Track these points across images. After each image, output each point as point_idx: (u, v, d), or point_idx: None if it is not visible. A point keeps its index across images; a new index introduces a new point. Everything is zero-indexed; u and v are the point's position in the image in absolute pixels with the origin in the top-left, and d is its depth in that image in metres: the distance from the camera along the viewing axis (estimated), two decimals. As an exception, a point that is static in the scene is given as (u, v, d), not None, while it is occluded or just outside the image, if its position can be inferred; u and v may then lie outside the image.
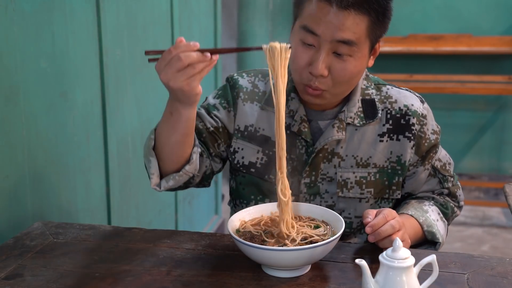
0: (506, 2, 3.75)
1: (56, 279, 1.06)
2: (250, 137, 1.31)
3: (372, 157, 1.28)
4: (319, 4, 1.14)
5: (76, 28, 1.62)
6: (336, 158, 1.28)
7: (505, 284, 1.03)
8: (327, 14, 1.13)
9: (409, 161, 1.29)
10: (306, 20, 1.16)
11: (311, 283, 1.03)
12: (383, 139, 1.28)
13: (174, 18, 2.38)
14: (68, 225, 1.32)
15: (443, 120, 3.98)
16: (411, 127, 1.28)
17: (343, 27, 1.13)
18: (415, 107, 1.29)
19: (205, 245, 1.21)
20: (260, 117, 1.31)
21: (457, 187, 1.38)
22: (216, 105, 1.34)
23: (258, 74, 1.36)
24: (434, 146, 1.31)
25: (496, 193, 3.99)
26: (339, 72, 1.18)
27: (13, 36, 1.35)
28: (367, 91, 1.30)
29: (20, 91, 1.39)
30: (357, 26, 1.14)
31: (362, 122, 1.27)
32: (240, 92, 1.32)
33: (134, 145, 2.06)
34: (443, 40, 3.80)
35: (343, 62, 1.17)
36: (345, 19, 1.13)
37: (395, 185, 1.30)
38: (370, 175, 1.29)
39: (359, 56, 1.18)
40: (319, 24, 1.14)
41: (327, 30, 1.14)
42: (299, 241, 1.05)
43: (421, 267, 0.92)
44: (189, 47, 1.03)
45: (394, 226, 1.10)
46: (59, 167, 1.58)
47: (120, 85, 1.91)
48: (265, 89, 1.33)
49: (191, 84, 1.06)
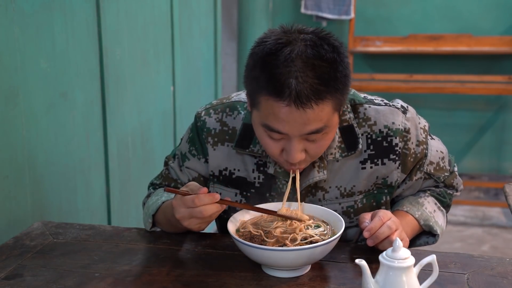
0: (506, 2, 3.75)
1: (56, 279, 1.06)
2: (226, 181, 1.28)
3: (356, 186, 1.23)
4: (277, 105, 1.03)
5: (76, 28, 1.62)
6: (320, 192, 1.23)
7: (505, 284, 1.03)
8: (288, 114, 1.02)
9: (396, 181, 1.24)
10: (267, 120, 1.06)
11: (311, 283, 1.03)
12: (366, 166, 1.22)
13: (174, 18, 2.38)
14: (68, 225, 1.32)
15: (443, 120, 3.99)
16: (395, 148, 1.21)
17: (308, 121, 1.04)
18: (396, 124, 1.21)
19: (205, 245, 1.20)
20: (233, 158, 1.26)
21: (453, 176, 1.34)
22: (186, 154, 1.31)
23: (225, 109, 1.27)
24: (421, 158, 1.25)
25: (496, 193, 3.99)
26: (316, 150, 1.11)
27: (13, 36, 1.35)
28: (344, 117, 1.21)
29: (20, 91, 1.39)
30: (322, 113, 1.04)
31: (344, 154, 1.21)
32: (208, 136, 1.27)
33: (134, 145, 2.06)
34: (443, 40, 3.80)
35: (317, 142, 1.10)
36: (308, 114, 1.02)
37: (384, 205, 1.26)
38: (356, 203, 1.24)
39: (331, 129, 1.10)
40: (282, 124, 1.04)
41: (293, 128, 1.05)
42: (299, 241, 1.05)
43: (421, 267, 0.92)
44: (211, 200, 1.07)
45: (391, 227, 1.09)
46: (59, 167, 1.58)
47: (120, 85, 1.91)
48: (234, 125, 1.25)
49: (201, 228, 1.13)
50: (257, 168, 1.24)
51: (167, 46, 2.35)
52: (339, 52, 1.05)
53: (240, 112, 1.26)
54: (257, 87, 1.06)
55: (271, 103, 1.04)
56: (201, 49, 2.86)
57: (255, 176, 1.25)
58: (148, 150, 2.20)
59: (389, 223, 1.10)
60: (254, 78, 1.07)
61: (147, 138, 2.19)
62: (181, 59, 2.50)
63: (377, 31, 3.94)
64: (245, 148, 1.23)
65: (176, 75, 2.45)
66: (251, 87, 1.09)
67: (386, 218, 1.10)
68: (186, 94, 2.60)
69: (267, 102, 1.04)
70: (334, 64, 1.04)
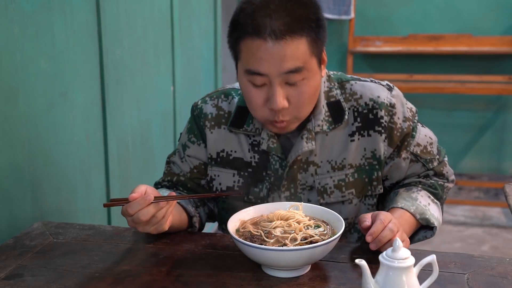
0: (506, 2, 3.76)
1: (56, 279, 1.06)
2: (223, 162, 1.32)
3: (346, 158, 1.27)
4: (254, 43, 1.11)
5: (76, 28, 1.62)
6: (312, 167, 1.27)
7: (505, 284, 1.03)
8: (265, 51, 1.10)
9: (384, 155, 1.28)
10: (248, 64, 1.14)
11: (311, 283, 1.03)
12: (354, 138, 1.27)
13: (174, 18, 2.38)
14: (68, 225, 1.32)
15: (443, 120, 4.00)
16: (380, 120, 1.26)
17: (285, 57, 1.10)
18: (381, 98, 1.27)
19: (205, 245, 1.21)
20: (229, 140, 1.31)
21: (443, 165, 1.36)
22: (186, 143, 1.37)
23: (220, 95, 1.35)
24: (408, 134, 1.29)
25: (496, 193, 3.99)
26: (298, 98, 1.15)
27: (13, 36, 1.35)
28: (331, 93, 1.28)
29: (20, 91, 1.39)
30: (298, 50, 1.11)
31: (332, 127, 1.26)
32: (205, 121, 1.33)
33: (134, 145, 2.06)
34: (443, 40, 3.81)
35: (298, 87, 1.15)
36: (285, 49, 1.10)
37: (376, 181, 1.29)
38: (347, 177, 1.28)
39: (311, 75, 1.16)
40: (261, 63, 1.12)
41: (272, 66, 1.11)
42: (299, 241, 1.05)
43: (421, 267, 0.92)
44: (143, 203, 1.08)
45: (393, 229, 1.10)
46: (59, 167, 1.58)
47: (120, 85, 1.91)
48: (230, 108, 1.32)
49: (158, 229, 1.14)
50: (252, 148, 1.30)
51: (167, 46, 2.35)
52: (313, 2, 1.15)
53: (234, 97, 1.34)
54: (238, 35, 1.15)
55: (250, 45, 1.12)
56: (201, 49, 2.86)
57: (251, 156, 1.30)
58: (148, 150, 2.20)
59: (391, 225, 1.10)
60: (234, 27, 1.16)
61: (147, 138, 2.19)
62: (181, 59, 2.50)
63: (377, 31, 3.94)
64: (239, 127, 1.29)
65: (176, 75, 2.45)
66: (233, 39, 1.17)
67: (387, 220, 1.11)
68: (186, 94, 2.60)
69: (246, 46, 1.13)
70: (305, 6, 1.13)
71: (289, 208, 1.17)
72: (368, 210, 1.32)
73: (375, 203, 1.34)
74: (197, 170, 1.36)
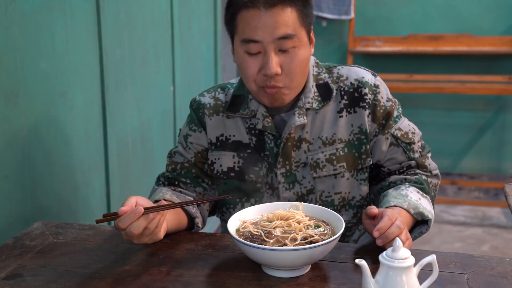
0: (506, 2, 3.75)
1: (56, 279, 1.06)
2: (223, 146, 1.39)
3: (336, 134, 1.34)
4: (249, 13, 1.23)
5: (76, 28, 1.62)
6: (304, 144, 1.34)
7: (505, 284, 1.03)
8: (259, 19, 1.21)
9: (369, 128, 1.34)
10: (244, 33, 1.24)
11: (311, 283, 1.03)
12: (342, 114, 1.35)
13: (174, 18, 2.38)
14: (68, 225, 1.32)
15: (443, 120, 3.99)
16: (364, 96, 1.34)
17: (278, 24, 1.21)
18: (366, 79, 1.36)
19: (205, 245, 1.21)
20: (227, 125, 1.39)
21: (425, 158, 1.40)
22: (188, 132, 1.43)
23: (217, 89, 1.44)
24: (390, 113, 1.36)
25: (496, 193, 3.99)
26: (290, 65, 1.25)
27: (13, 36, 1.35)
28: (319, 77, 1.37)
29: (20, 91, 1.39)
30: (289, 19, 1.22)
31: (321, 105, 1.34)
32: (204, 109, 1.41)
33: (134, 145, 2.06)
34: (443, 40, 3.80)
35: (290, 55, 1.24)
36: (277, 16, 1.21)
37: (365, 154, 1.35)
38: (338, 151, 1.34)
39: (302, 45, 1.26)
40: (256, 30, 1.22)
41: (265, 32, 1.22)
42: (299, 241, 1.05)
43: (421, 267, 0.92)
44: (134, 217, 1.09)
45: (400, 226, 1.11)
46: (59, 167, 1.58)
47: (120, 85, 1.91)
48: (226, 99, 1.41)
49: (153, 239, 1.18)
50: (249, 132, 1.37)
51: (167, 46, 2.35)
52: None
53: (230, 89, 1.43)
54: (233, 10, 1.26)
55: (245, 16, 1.23)
56: (201, 49, 2.86)
57: (249, 138, 1.37)
58: (148, 150, 2.20)
59: (398, 222, 1.11)
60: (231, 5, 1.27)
61: (147, 138, 2.19)
62: (181, 59, 2.50)
63: (377, 31, 3.94)
64: (235, 112, 1.38)
65: (176, 75, 2.45)
66: (229, 15, 1.28)
67: (394, 217, 1.12)
68: (186, 94, 2.60)
69: (242, 17, 1.24)
70: None
71: (289, 208, 1.17)
72: (361, 185, 1.37)
73: (367, 178, 1.38)
74: (200, 154, 1.41)
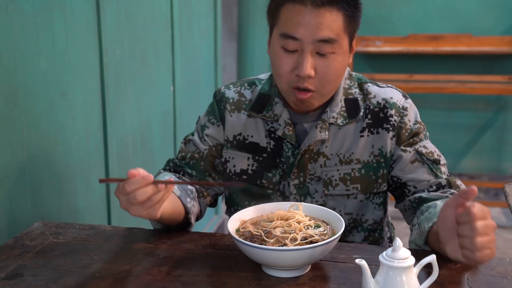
0: (506, 2, 3.76)
1: (56, 279, 1.06)
2: (239, 145, 1.36)
3: (354, 153, 1.30)
4: (294, 8, 1.17)
5: (76, 28, 1.62)
6: (321, 158, 1.30)
7: (505, 284, 1.03)
8: (303, 16, 1.16)
9: (390, 152, 1.29)
10: (284, 27, 1.19)
11: (311, 283, 1.03)
12: (364, 134, 1.30)
13: (174, 18, 2.38)
14: (68, 225, 1.32)
15: (443, 120, 3.99)
16: (389, 118, 1.29)
17: (321, 26, 1.16)
18: (394, 99, 1.31)
19: (205, 245, 1.21)
20: (247, 125, 1.35)
21: (455, 178, 1.30)
22: (205, 123, 1.40)
23: (244, 84, 1.40)
24: (417, 134, 1.30)
25: (496, 193, 3.99)
26: (325, 70, 1.20)
27: (13, 36, 1.35)
28: (350, 91, 1.32)
29: (20, 91, 1.39)
30: (334, 22, 1.17)
31: (346, 121, 1.30)
32: (226, 104, 1.38)
33: (134, 145, 2.06)
34: (443, 40, 3.80)
35: (327, 60, 1.20)
36: (322, 17, 1.16)
37: (381, 178, 1.31)
38: (354, 171, 1.30)
39: (341, 52, 1.21)
40: (298, 27, 1.17)
41: (307, 31, 1.17)
42: (299, 241, 1.05)
43: (421, 267, 0.92)
44: (142, 182, 1.03)
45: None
46: (59, 167, 1.58)
47: (120, 85, 1.91)
48: (251, 97, 1.37)
49: (151, 214, 1.08)
50: (269, 135, 1.34)
51: (167, 46, 2.35)
52: None
53: (257, 85, 1.39)
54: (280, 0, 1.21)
55: (290, 9, 1.18)
56: (201, 49, 2.86)
57: (267, 141, 1.34)
58: (148, 150, 2.20)
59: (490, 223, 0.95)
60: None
61: (147, 138, 2.19)
62: (181, 59, 2.50)
63: (377, 31, 3.94)
64: (258, 113, 1.34)
65: (176, 75, 2.45)
66: (274, 5, 1.23)
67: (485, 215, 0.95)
68: (186, 94, 2.60)
69: (287, 10, 1.19)
70: None
71: (289, 208, 1.17)
72: (375, 209, 1.33)
73: (381, 202, 1.34)
74: (214, 148, 1.39)
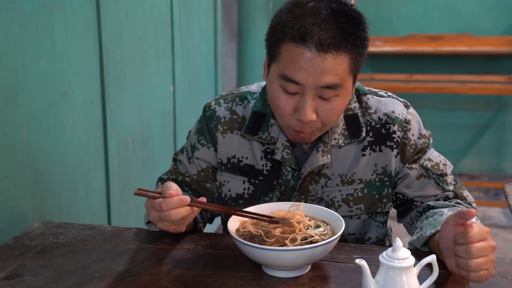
0: (506, 2, 3.76)
1: (56, 279, 1.06)
2: (234, 168, 1.30)
3: (356, 173, 1.24)
4: (297, 50, 1.07)
5: (76, 28, 1.62)
6: (323, 179, 1.25)
7: (505, 284, 1.03)
8: (307, 60, 1.06)
9: (395, 171, 1.24)
10: (285, 69, 1.09)
11: (311, 283, 1.03)
12: (365, 152, 1.24)
13: (174, 18, 2.38)
14: (68, 225, 1.32)
15: (443, 120, 4.00)
16: (392, 135, 1.23)
17: (326, 71, 1.07)
18: (396, 113, 1.24)
19: (205, 245, 1.20)
20: (241, 146, 1.28)
21: (461, 189, 1.29)
22: (195, 144, 1.33)
23: (235, 99, 1.31)
24: (421, 150, 1.25)
25: (496, 193, 3.99)
26: (327, 113, 1.13)
27: (13, 36, 1.35)
28: (349, 106, 1.25)
29: (20, 91, 1.39)
30: (339, 66, 1.08)
31: (347, 141, 1.24)
32: (218, 124, 1.30)
33: (134, 145, 2.06)
34: (443, 40, 3.81)
35: (329, 103, 1.12)
36: (327, 63, 1.06)
37: (386, 197, 1.26)
38: (356, 191, 1.25)
39: (345, 93, 1.13)
40: (300, 72, 1.08)
41: (310, 77, 1.08)
42: (299, 241, 1.05)
43: (421, 267, 0.92)
44: (179, 204, 1.05)
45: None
46: (59, 167, 1.58)
47: (120, 85, 1.91)
48: (244, 113, 1.29)
49: (178, 229, 1.14)
50: (265, 156, 1.27)
51: (167, 46, 2.35)
52: (361, 17, 1.12)
53: (250, 101, 1.30)
54: (281, 35, 1.10)
55: (292, 50, 1.08)
56: (201, 49, 2.86)
57: (263, 163, 1.27)
58: (148, 150, 2.20)
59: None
60: (279, 27, 1.11)
61: (147, 138, 2.19)
62: (181, 59, 2.50)
63: (377, 31, 3.94)
64: (253, 134, 1.27)
65: (176, 75, 2.45)
66: (274, 39, 1.13)
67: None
68: (186, 94, 2.60)
69: (288, 49, 1.09)
70: (356, 22, 1.10)
71: (289, 208, 1.17)
72: (378, 227, 1.30)
73: (385, 220, 1.31)
74: (204, 173, 1.33)
